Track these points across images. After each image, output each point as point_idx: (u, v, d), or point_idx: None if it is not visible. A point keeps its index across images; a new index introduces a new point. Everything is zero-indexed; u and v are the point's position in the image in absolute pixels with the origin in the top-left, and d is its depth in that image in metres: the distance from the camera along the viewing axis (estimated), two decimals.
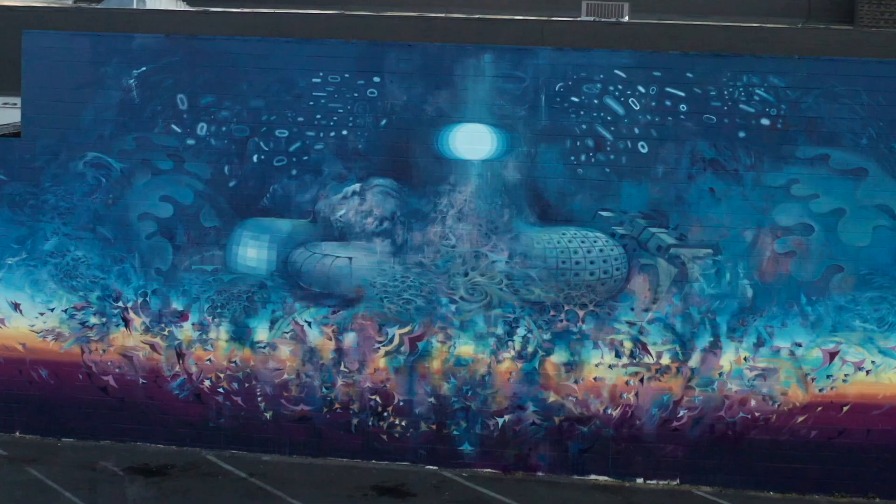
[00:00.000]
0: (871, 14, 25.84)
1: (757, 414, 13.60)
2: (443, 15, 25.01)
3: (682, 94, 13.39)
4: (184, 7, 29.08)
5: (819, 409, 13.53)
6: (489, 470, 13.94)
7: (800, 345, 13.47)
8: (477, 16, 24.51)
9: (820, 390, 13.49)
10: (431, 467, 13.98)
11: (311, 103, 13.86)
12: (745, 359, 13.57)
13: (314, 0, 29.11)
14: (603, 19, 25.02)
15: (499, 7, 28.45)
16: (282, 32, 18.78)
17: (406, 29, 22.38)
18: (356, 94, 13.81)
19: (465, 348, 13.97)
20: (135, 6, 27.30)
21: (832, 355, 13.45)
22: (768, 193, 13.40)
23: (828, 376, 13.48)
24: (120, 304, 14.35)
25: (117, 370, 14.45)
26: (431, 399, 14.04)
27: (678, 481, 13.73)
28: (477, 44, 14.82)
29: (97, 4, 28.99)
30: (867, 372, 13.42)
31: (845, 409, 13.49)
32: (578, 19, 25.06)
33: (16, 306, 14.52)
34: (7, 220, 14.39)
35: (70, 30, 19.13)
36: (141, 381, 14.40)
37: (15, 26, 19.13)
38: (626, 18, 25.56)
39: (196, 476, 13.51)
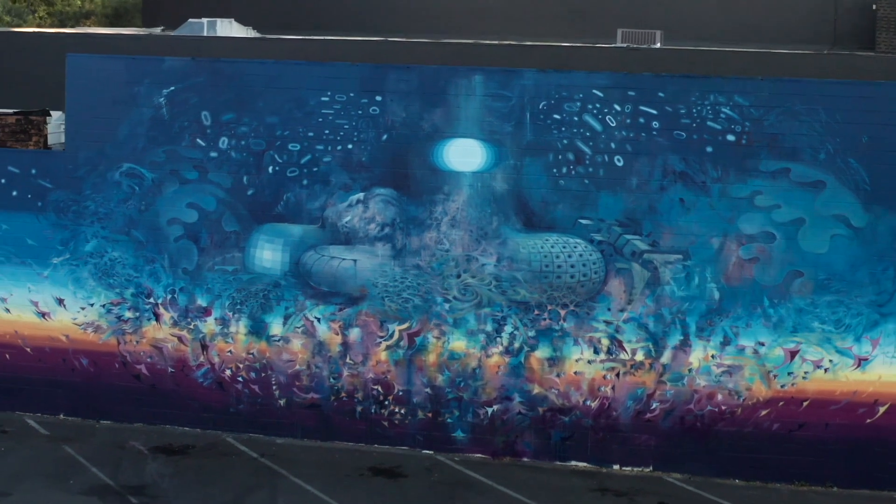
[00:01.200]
0: (888, 41, 26.24)
1: (723, 407, 14.24)
2: (482, 41, 25.94)
3: (654, 111, 14.12)
4: (255, 34, 30.19)
5: (781, 403, 14.14)
6: (479, 455, 14.77)
7: (763, 344, 14.11)
8: (510, 42, 25.46)
9: (781, 386, 14.12)
10: (427, 451, 14.85)
11: (320, 120, 14.81)
12: (712, 356, 14.22)
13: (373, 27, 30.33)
14: (635, 45, 25.77)
15: (544, 34, 29.25)
16: (294, 55, 19.84)
17: (440, 54, 23.38)
18: (360, 112, 14.73)
19: (458, 343, 14.80)
20: (205, 33, 28.47)
21: (793, 354, 14.07)
22: (734, 204, 14.04)
23: (789, 373, 14.09)
24: (151, 300, 15.41)
25: (149, 360, 15.51)
26: (427, 389, 14.90)
27: (651, 468, 14.43)
28: (470, 66, 15.67)
29: (173, 32, 30.27)
30: (825, 370, 14.01)
31: (805, 404, 14.09)
32: (612, 45, 25.84)
33: (60, 301, 15.66)
34: (53, 224, 15.54)
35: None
36: (169, 369, 15.47)
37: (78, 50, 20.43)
38: (658, 45, 26.24)
39: (213, 455, 14.57)
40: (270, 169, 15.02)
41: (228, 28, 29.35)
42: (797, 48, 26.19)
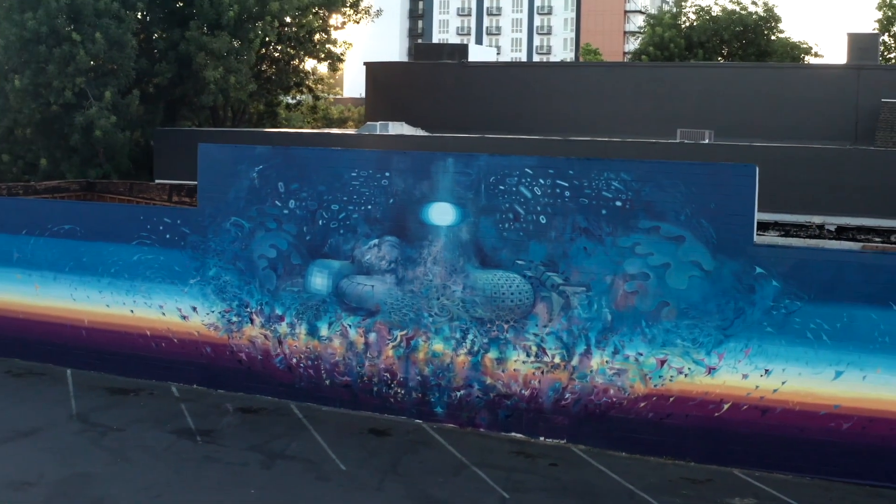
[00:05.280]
0: (884, 138, 26.56)
1: (614, 399, 15.84)
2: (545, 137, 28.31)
3: (566, 184, 15.92)
4: (422, 133, 33.28)
5: (654, 398, 15.61)
6: (451, 425, 16.87)
7: (641, 354, 15.60)
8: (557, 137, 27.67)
9: (654, 386, 15.58)
10: (418, 421, 17.07)
11: (351, 188, 17.32)
12: (606, 361, 15.81)
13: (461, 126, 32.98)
14: (688, 141, 27.44)
15: (631, 132, 31.37)
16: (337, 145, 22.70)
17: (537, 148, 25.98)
18: (375, 183, 17.15)
19: (438, 346, 16.93)
20: (378, 132, 31.80)
21: (662, 362, 15.52)
22: (621, 251, 15.63)
23: (659, 376, 15.53)
24: (248, 309, 18.30)
25: (247, 350, 18.39)
26: (419, 377, 17.12)
27: (565, 441, 16.14)
28: (445, 151, 18.03)
29: (359, 131, 33.93)
30: (685, 375, 15.39)
31: (671, 399, 15.50)
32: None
33: (194, 309, 18.80)
34: (189, 257, 18.70)
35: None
36: (259, 357, 18.28)
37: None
38: (707, 140, 27.75)
39: (273, 415, 17.32)
40: (320, 222, 17.59)
41: (400, 128, 32.55)
42: (824, 143, 27.10)
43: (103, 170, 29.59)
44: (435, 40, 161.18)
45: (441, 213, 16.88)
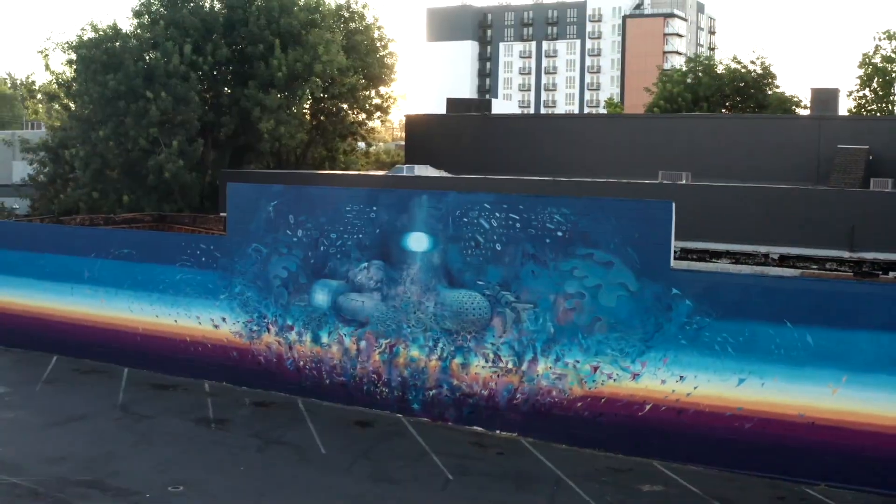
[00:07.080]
0: (837, 180, 26.38)
1: (556, 399, 16.10)
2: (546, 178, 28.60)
3: (517, 217, 16.31)
4: (445, 174, 33.71)
5: (589, 399, 15.83)
6: (425, 419, 17.27)
7: (578, 361, 15.86)
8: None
9: (589, 388, 15.81)
10: (399, 415, 17.48)
11: (346, 220, 17.90)
12: (549, 367, 16.10)
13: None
14: (667, 182, 27.64)
15: (618, 174, 31.57)
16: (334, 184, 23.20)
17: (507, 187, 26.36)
18: (366, 216, 17.72)
19: (414, 352, 17.39)
20: (404, 173, 32.38)
21: (595, 369, 15.75)
22: (561, 274, 15.95)
23: (593, 381, 15.77)
24: (266, 320, 18.97)
25: (265, 353, 19.03)
26: (399, 378, 17.57)
27: (517, 434, 16.42)
28: (424, 189, 18.59)
29: (387, 173, 34.49)
30: (614, 380, 15.60)
31: (603, 400, 15.72)
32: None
33: (223, 319, 19.52)
34: (220, 276, 19.46)
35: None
36: (274, 360, 18.90)
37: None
38: (684, 181, 27.91)
39: (279, 408, 17.90)
40: (322, 248, 18.19)
41: (424, 171, 33.07)
42: (789, 184, 27.06)
43: (177, 205, 30.78)
44: (499, 96, 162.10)
45: (417, 241, 17.37)
